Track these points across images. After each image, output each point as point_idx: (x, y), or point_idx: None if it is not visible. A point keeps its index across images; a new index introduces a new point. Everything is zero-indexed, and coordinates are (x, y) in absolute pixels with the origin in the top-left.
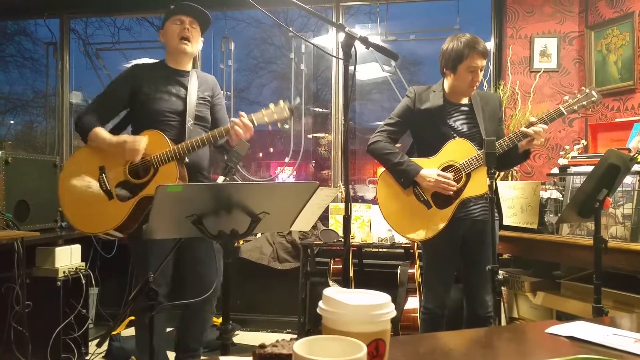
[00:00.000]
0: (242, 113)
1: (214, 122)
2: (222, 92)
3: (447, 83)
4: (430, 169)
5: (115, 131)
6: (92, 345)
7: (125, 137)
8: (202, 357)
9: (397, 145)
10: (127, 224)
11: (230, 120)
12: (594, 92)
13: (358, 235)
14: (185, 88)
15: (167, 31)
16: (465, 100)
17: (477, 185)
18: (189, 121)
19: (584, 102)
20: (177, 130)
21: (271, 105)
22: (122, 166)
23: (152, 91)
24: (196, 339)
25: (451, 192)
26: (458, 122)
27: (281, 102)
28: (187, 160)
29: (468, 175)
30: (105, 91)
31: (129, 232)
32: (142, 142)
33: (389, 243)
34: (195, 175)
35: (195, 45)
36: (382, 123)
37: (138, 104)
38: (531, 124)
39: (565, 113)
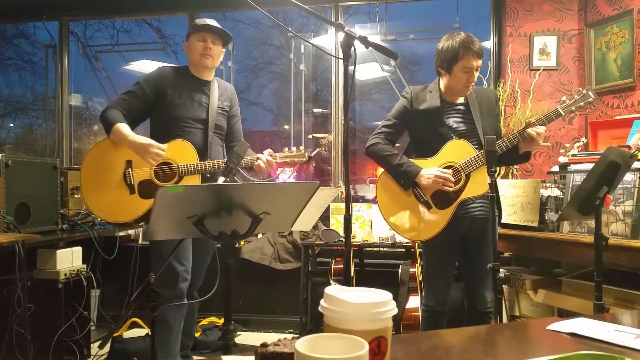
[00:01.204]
0: (270, 151)
1: (229, 133)
2: (238, 103)
3: (442, 82)
4: (430, 168)
5: (131, 125)
6: (94, 347)
7: (150, 140)
8: (204, 358)
9: (397, 145)
10: (141, 220)
11: (258, 155)
12: (590, 93)
13: (359, 235)
14: (208, 97)
15: (191, 46)
16: (461, 99)
17: (477, 185)
18: (211, 135)
19: (581, 103)
20: (199, 138)
21: (294, 149)
22: (149, 166)
23: (177, 97)
24: (188, 333)
25: (449, 189)
26: (455, 122)
27: (302, 148)
28: (208, 176)
29: (467, 176)
30: (131, 90)
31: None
32: (164, 151)
33: (390, 242)
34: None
35: (217, 59)
36: (379, 124)
37: (162, 106)
38: (529, 125)
39: (563, 114)
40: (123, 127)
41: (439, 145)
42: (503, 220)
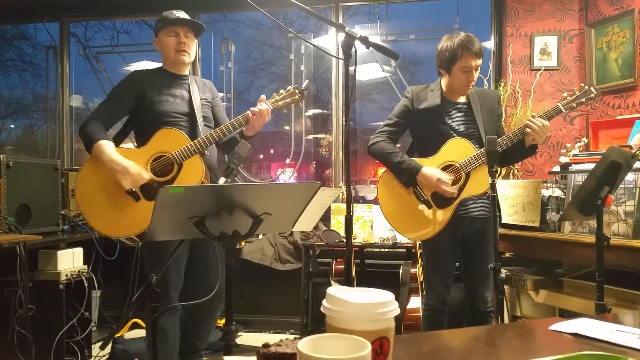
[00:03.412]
0: (263, 97)
1: (216, 122)
2: (218, 95)
3: (443, 82)
4: (431, 168)
5: (118, 138)
6: (95, 348)
7: (129, 165)
8: (205, 358)
9: (397, 145)
10: None
11: (250, 109)
12: (592, 89)
13: (360, 236)
14: (188, 91)
15: (163, 42)
16: (463, 99)
17: (477, 184)
18: (200, 125)
19: (583, 99)
20: (188, 129)
21: (282, 90)
22: (144, 166)
23: (156, 95)
24: (203, 338)
25: (448, 195)
26: (457, 121)
27: (290, 87)
28: (206, 153)
29: (467, 175)
30: (109, 98)
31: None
32: (144, 178)
33: (390, 243)
34: (208, 174)
35: (193, 53)
36: (381, 124)
37: (143, 108)
38: (532, 118)
39: (564, 111)
40: (105, 146)
41: (440, 144)
42: (504, 221)
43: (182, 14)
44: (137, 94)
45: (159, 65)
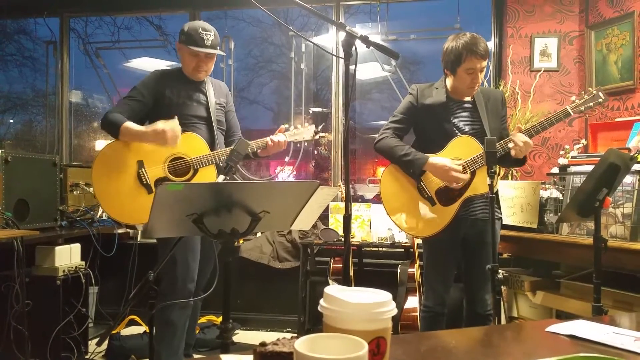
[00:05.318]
0: (283, 127)
1: (228, 128)
2: (232, 100)
3: (448, 82)
4: (440, 157)
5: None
6: (91, 344)
7: (161, 125)
8: (202, 356)
9: None
10: None
11: (270, 137)
12: (601, 94)
13: (358, 235)
14: (205, 95)
15: (183, 56)
16: (468, 98)
17: (482, 183)
18: (215, 129)
19: (591, 104)
20: (205, 133)
21: (299, 126)
22: (162, 163)
23: (175, 96)
24: (190, 332)
25: (458, 186)
26: (461, 120)
27: (307, 124)
28: (221, 165)
29: (473, 174)
30: (130, 95)
31: None
32: (179, 128)
33: (389, 242)
34: None
35: (211, 69)
36: (386, 121)
37: (161, 108)
38: (519, 130)
39: (572, 114)
40: (131, 125)
41: (443, 142)
42: (502, 222)
43: (208, 30)
44: (157, 93)
45: (163, 61)
